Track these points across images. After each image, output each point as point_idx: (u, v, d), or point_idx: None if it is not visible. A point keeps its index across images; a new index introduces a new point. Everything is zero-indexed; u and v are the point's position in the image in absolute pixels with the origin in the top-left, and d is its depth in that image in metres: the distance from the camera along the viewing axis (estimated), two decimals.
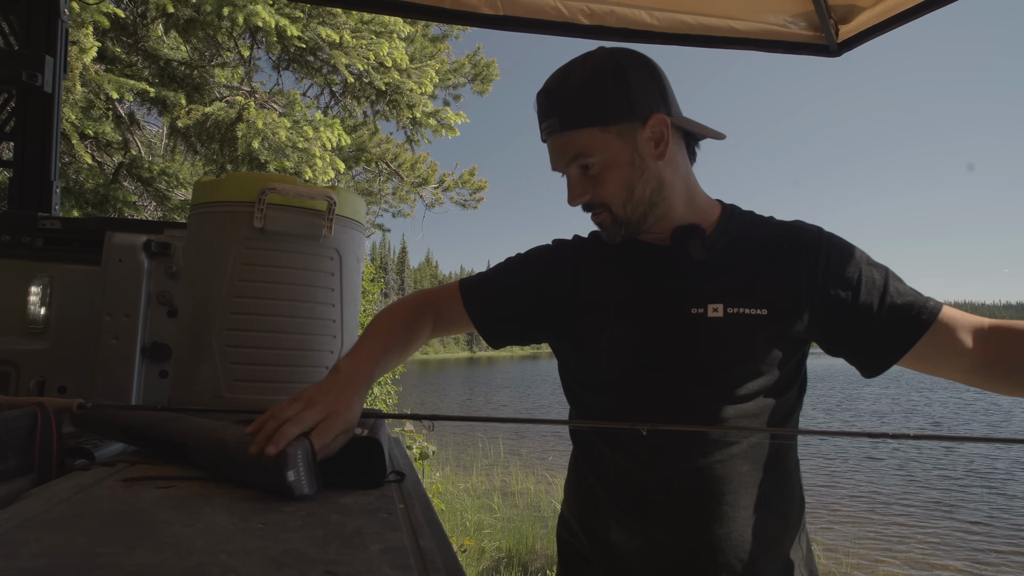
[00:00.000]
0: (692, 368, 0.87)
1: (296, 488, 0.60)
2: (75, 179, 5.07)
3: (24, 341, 1.19)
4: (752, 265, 0.90)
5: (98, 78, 4.53)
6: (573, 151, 0.86)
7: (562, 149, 0.87)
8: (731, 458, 0.85)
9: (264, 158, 5.11)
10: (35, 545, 0.43)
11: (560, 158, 0.88)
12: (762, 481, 0.87)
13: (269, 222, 0.91)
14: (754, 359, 0.87)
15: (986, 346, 0.84)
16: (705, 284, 0.89)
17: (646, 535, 0.86)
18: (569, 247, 1.02)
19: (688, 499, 0.85)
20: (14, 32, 1.46)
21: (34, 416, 0.66)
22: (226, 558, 0.43)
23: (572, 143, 0.86)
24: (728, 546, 0.83)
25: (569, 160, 0.87)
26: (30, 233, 1.24)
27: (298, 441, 0.62)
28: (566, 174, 0.89)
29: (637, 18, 1.73)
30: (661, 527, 0.86)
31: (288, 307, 0.93)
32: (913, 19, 1.56)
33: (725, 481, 0.85)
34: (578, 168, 0.88)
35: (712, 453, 0.85)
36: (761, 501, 0.86)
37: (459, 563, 0.48)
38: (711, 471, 0.85)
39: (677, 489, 0.85)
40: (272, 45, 5.42)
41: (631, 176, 0.87)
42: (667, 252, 0.92)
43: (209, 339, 0.91)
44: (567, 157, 0.87)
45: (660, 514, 0.86)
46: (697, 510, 0.84)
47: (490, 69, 7.61)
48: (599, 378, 0.94)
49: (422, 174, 7.65)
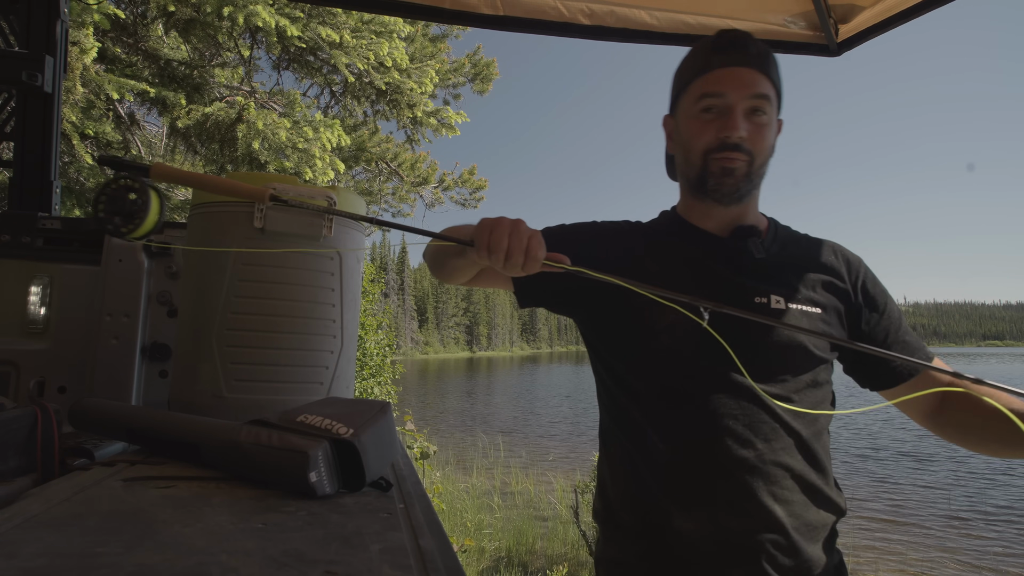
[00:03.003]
0: (756, 352, 0.90)
1: (319, 488, 0.60)
2: (75, 179, 5.07)
3: (24, 341, 1.19)
4: (803, 270, 0.98)
5: (98, 78, 4.53)
6: (760, 90, 0.92)
7: (750, 83, 0.92)
8: (787, 448, 0.90)
9: (264, 158, 5.11)
10: (35, 545, 0.43)
11: (745, 88, 0.91)
12: (811, 474, 0.91)
13: (269, 222, 0.91)
14: (811, 353, 0.93)
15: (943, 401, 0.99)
16: (764, 279, 0.95)
17: (713, 519, 0.87)
18: (639, 226, 1.06)
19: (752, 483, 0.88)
20: (14, 32, 1.46)
21: (34, 416, 0.66)
22: (226, 558, 0.43)
23: (762, 84, 0.92)
24: (786, 530, 0.87)
25: (752, 95, 0.92)
26: (30, 233, 1.24)
27: (317, 442, 0.62)
28: (733, 105, 0.92)
29: (637, 18, 1.73)
30: (728, 511, 0.87)
31: (288, 307, 0.93)
32: (913, 18, 1.57)
33: (784, 468, 0.89)
34: (749, 107, 0.92)
35: (772, 441, 0.89)
36: (811, 492, 0.91)
37: (459, 563, 0.48)
38: (772, 456, 0.89)
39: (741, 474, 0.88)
40: (272, 45, 5.42)
41: (772, 143, 0.96)
42: (727, 244, 0.98)
43: (209, 339, 0.91)
44: (752, 91, 0.91)
45: (727, 498, 0.88)
46: (760, 494, 0.87)
47: (490, 69, 7.61)
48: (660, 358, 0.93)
49: (422, 173, 7.64)
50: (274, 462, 0.61)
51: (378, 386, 5.94)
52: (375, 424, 0.69)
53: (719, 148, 0.92)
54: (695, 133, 0.95)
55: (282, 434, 0.64)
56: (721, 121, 0.92)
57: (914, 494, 6.87)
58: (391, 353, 6.57)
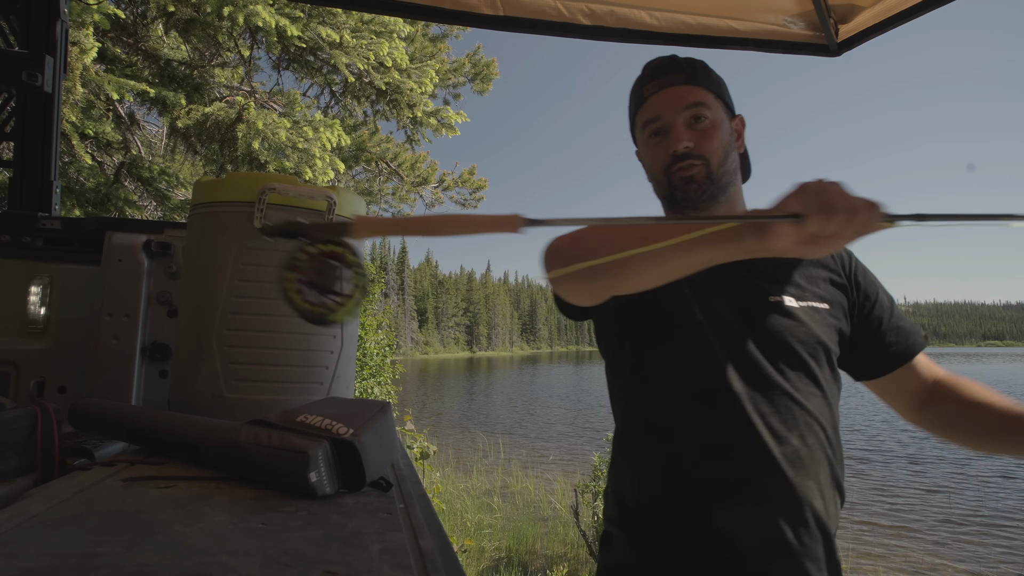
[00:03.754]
0: (779, 350, 0.94)
1: (319, 488, 0.60)
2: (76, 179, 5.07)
3: (24, 341, 1.19)
4: (805, 267, 1.02)
5: (98, 78, 4.53)
6: (692, 100, 0.98)
7: (679, 97, 0.98)
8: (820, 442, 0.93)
9: (264, 158, 5.11)
10: (35, 545, 0.43)
11: (675, 104, 0.98)
12: (836, 467, 0.95)
13: (269, 222, 0.91)
14: (825, 348, 0.97)
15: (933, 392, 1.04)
16: (774, 278, 1.00)
17: (756, 515, 0.89)
18: None
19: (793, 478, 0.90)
20: (14, 32, 1.46)
21: (34, 416, 0.66)
22: (226, 558, 0.43)
23: (693, 94, 0.98)
24: (823, 522, 0.90)
25: (685, 106, 0.98)
26: (30, 233, 1.24)
27: (317, 442, 0.62)
28: (672, 122, 0.98)
29: (637, 18, 1.73)
30: (771, 506, 0.89)
31: None
32: (913, 18, 1.57)
33: (818, 462, 0.92)
34: (688, 118, 0.98)
35: (806, 436, 0.92)
36: (837, 486, 0.95)
37: (459, 563, 0.48)
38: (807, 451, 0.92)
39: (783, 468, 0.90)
40: (272, 45, 5.42)
41: (728, 142, 1.00)
42: None
43: (209, 339, 0.91)
44: (684, 103, 0.98)
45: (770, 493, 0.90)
46: (801, 488, 0.90)
47: (490, 69, 7.61)
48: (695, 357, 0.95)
49: (422, 174, 7.64)
50: (274, 462, 0.61)
51: (378, 386, 5.94)
52: (375, 424, 0.69)
53: (672, 162, 0.98)
54: (651, 157, 1.03)
55: (282, 434, 0.64)
56: (666, 140, 0.99)
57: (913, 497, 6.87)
58: (391, 353, 6.57)
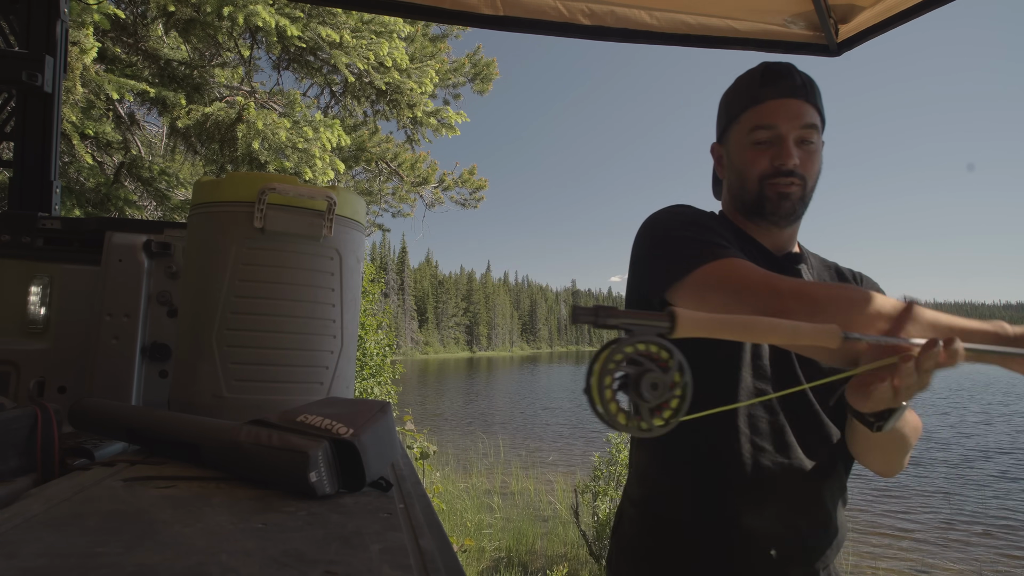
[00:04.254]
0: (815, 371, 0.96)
1: (319, 488, 0.60)
2: (76, 179, 5.07)
3: (24, 341, 1.19)
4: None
5: (98, 78, 4.53)
6: (809, 120, 0.98)
7: (800, 114, 0.98)
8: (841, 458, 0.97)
9: (264, 158, 5.11)
10: (35, 545, 0.43)
11: (795, 120, 0.97)
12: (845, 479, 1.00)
13: (269, 222, 0.91)
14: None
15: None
16: None
17: (783, 518, 0.92)
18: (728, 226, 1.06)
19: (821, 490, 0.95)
20: (14, 32, 1.46)
21: (34, 416, 0.66)
22: (226, 558, 0.43)
23: (810, 115, 0.98)
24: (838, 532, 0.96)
25: (802, 125, 0.98)
26: (30, 233, 1.24)
27: (317, 442, 0.62)
28: (785, 136, 0.97)
29: (637, 18, 1.73)
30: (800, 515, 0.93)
31: (288, 307, 0.93)
32: (913, 18, 1.57)
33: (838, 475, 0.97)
34: (799, 135, 0.98)
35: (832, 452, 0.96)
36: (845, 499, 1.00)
37: (459, 563, 0.48)
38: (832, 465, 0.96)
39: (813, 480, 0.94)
40: (272, 45, 5.42)
41: (821, 166, 1.02)
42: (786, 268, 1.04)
43: (209, 339, 0.91)
44: (802, 122, 0.97)
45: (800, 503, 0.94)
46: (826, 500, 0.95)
47: (490, 69, 7.61)
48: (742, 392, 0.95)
49: (422, 173, 7.64)
50: (274, 462, 0.61)
51: (378, 386, 5.94)
52: (375, 424, 0.68)
53: (773, 175, 0.97)
54: (749, 161, 1.00)
55: (282, 434, 0.64)
56: (774, 150, 0.98)
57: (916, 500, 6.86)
58: (391, 353, 6.57)
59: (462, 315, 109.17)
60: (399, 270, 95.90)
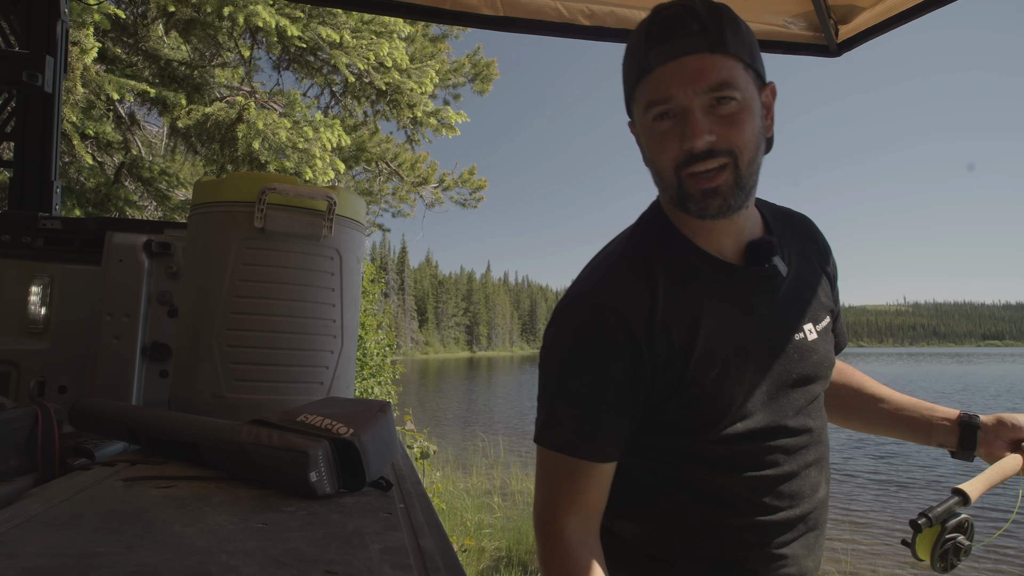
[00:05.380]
0: (809, 393, 0.84)
1: (319, 488, 0.60)
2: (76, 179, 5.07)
3: (24, 341, 1.19)
4: (803, 271, 0.87)
5: (99, 78, 4.53)
6: (717, 78, 0.71)
7: (702, 72, 0.71)
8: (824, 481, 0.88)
9: (264, 158, 5.11)
10: (35, 545, 0.43)
11: (696, 82, 0.71)
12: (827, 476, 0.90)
13: (269, 222, 0.91)
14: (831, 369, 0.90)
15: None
16: (790, 305, 0.84)
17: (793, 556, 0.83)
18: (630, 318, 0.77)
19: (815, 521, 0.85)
20: (14, 32, 1.46)
21: (35, 416, 0.66)
22: (226, 558, 0.43)
23: (719, 68, 0.71)
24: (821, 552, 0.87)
25: (709, 87, 0.71)
26: (30, 233, 1.24)
27: (317, 441, 0.62)
28: (688, 107, 0.72)
29: (637, 19, 1.73)
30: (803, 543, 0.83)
31: (288, 307, 0.93)
32: (913, 19, 1.57)
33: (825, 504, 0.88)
34: (709, 101, 0.72)
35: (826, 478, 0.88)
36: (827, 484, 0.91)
37: (459, 563, 0.48)
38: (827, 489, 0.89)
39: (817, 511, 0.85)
40: (272, 45, 5.42)
41: (759, 128, 0.75)
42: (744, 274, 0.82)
43: (209, 339, 0.91)
44: (707, 82, 0.71)
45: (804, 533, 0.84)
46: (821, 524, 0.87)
47: (490, 69, 7.61)
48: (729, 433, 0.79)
49: (422, 174, 7.64)
50: (274, 462, 0.61)
51: (378, 386, 5.94)
52: (375, 424, 0.69)
53: (688, 161, 0.74)
54: (655, 147, 0.77)
55: (282, 434, 0.64)
56: (680, 128, 0.73)
57: None
58: (391, 353, 6.57)
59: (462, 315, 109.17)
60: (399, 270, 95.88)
